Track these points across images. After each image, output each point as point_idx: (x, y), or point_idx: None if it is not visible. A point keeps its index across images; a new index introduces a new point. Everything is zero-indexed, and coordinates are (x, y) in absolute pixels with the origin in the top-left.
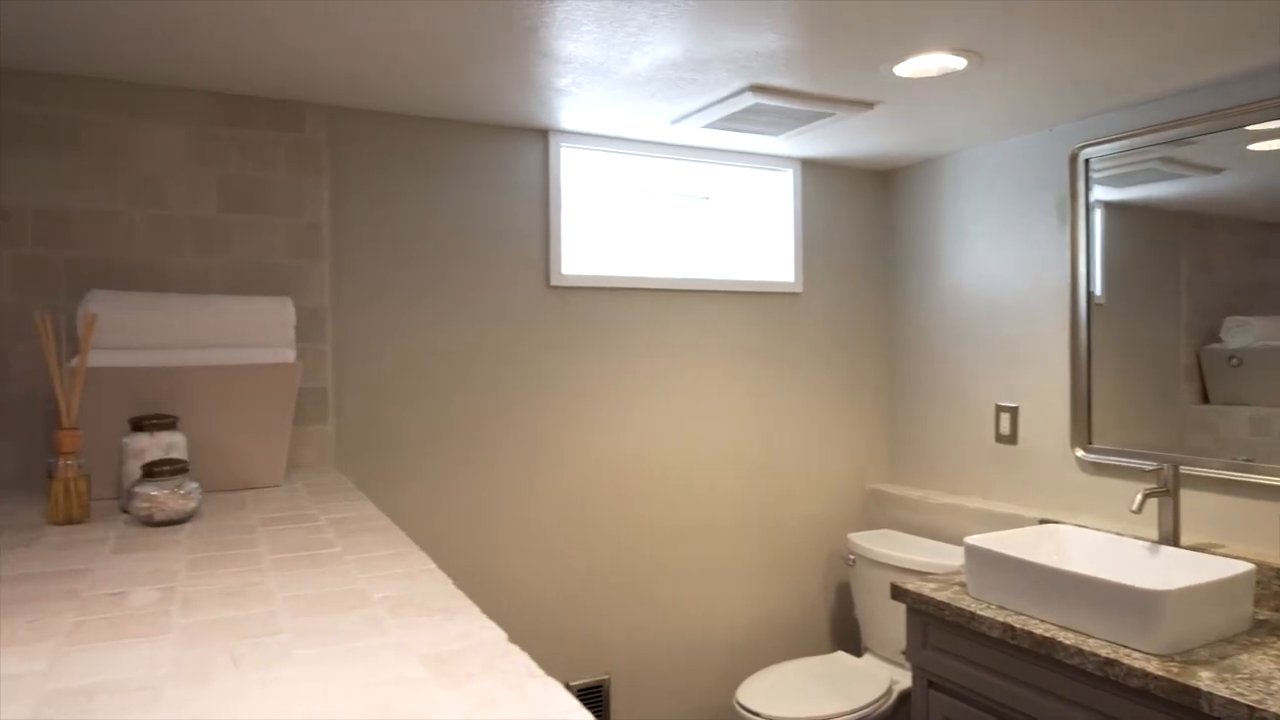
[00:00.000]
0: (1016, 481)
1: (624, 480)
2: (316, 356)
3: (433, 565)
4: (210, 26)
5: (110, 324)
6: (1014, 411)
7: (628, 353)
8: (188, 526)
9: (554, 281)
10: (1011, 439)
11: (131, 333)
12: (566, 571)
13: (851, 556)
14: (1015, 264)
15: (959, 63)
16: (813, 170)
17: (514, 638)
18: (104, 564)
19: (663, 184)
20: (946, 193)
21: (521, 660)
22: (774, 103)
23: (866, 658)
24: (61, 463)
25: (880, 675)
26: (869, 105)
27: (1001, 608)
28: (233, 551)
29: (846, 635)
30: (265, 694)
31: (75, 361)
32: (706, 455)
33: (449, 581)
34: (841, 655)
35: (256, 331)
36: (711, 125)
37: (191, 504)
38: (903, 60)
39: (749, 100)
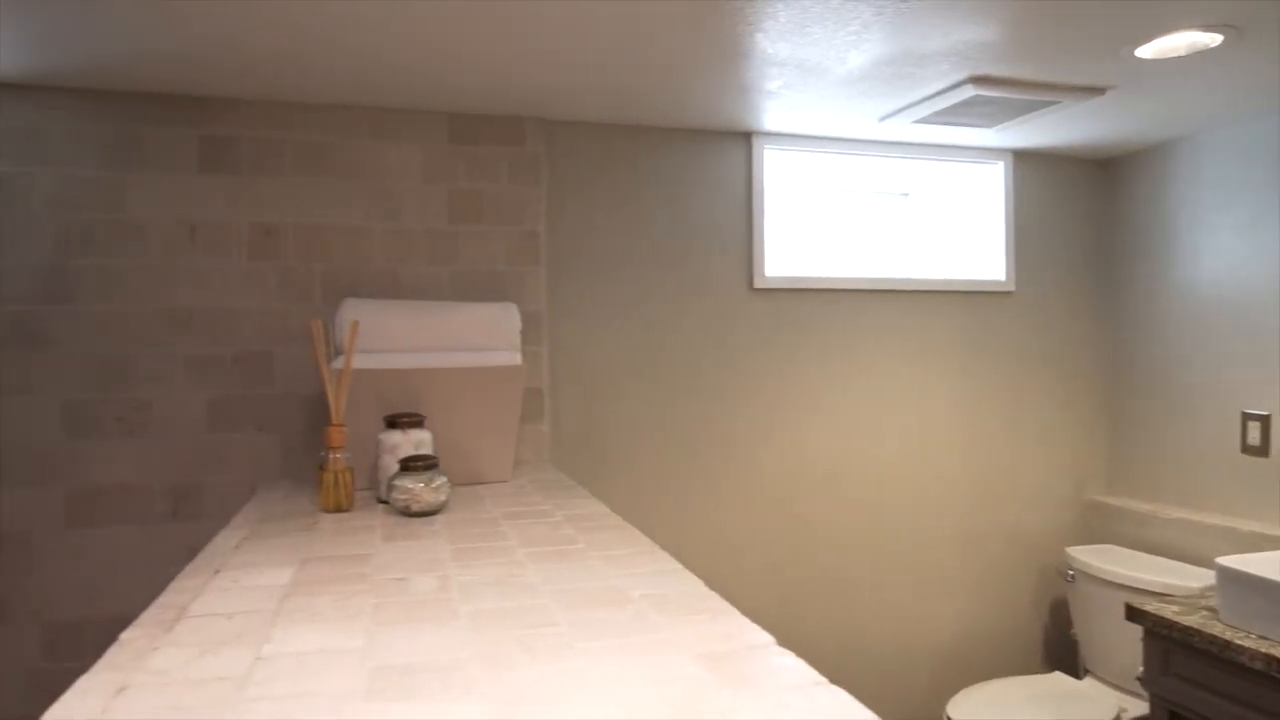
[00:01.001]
0: (1268, 498)
1: (827, 485)
2: (534, 359)
3: (678, 565)
4: (446, 55)
5: (365, 329)
6: (1264, 420)
7: (830, 354)
8: (440, 518)
9: (757, 284)
10: (1261, 450)
11: (382, 337)
12: (769, 574)
13: (1071, 572)
14: (1269, 256)
15: (1213, 39)
16: (1025, 161)
17: None
18: (379, 550)
19: (860, 181)
20: (1181, 180)
21: (799, 665)
22: (995, 94)
23: (1088, 680)
24: (331, 456)
25: (1105, 700)
26: (1100, 91)
27: (1263, 638)
28: (487, 544)
29: (1062, 655)
30: (565, 684)
31: (338, 363)
32: (912, 460)
33: (700, 582)
34: (1060, 676)
35: (486, 335)
36: (922, 120)
37: (442, 497)
38: (1148, 41)
39: (968, 93)
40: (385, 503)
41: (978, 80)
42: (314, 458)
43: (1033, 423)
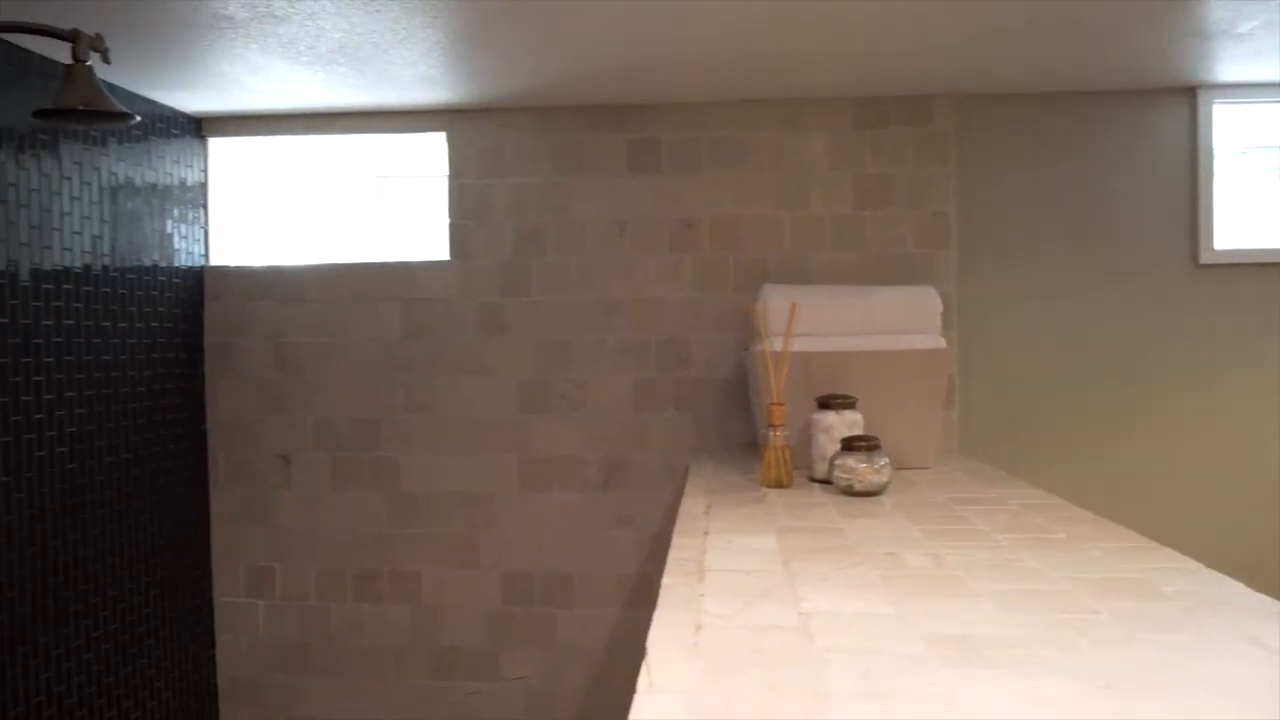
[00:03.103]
0: None
1: None
2: None
3: (1197, 564)
4: (856, 41)
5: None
6: None
7: None
8: (886, 499)
9: (1204, 259)
10: None
11: (807, 320)
12: None
13: None
14: None
15: None
16: None
17: None
18: (845, 525)
19: None
20: None
21: None
22: None
23: None
24: (772, 433)
25: None
26: None
27: None
28: (954, 527)
29: None
30: (1163, 675)
31: (771, 344)
32: None
33: (1239, 583)
34: None
35: (908, 319)
36: None
37: (884, 478)
38: None
39: None
40: (820, 481)
41: None
42: (724, 437)
43: None
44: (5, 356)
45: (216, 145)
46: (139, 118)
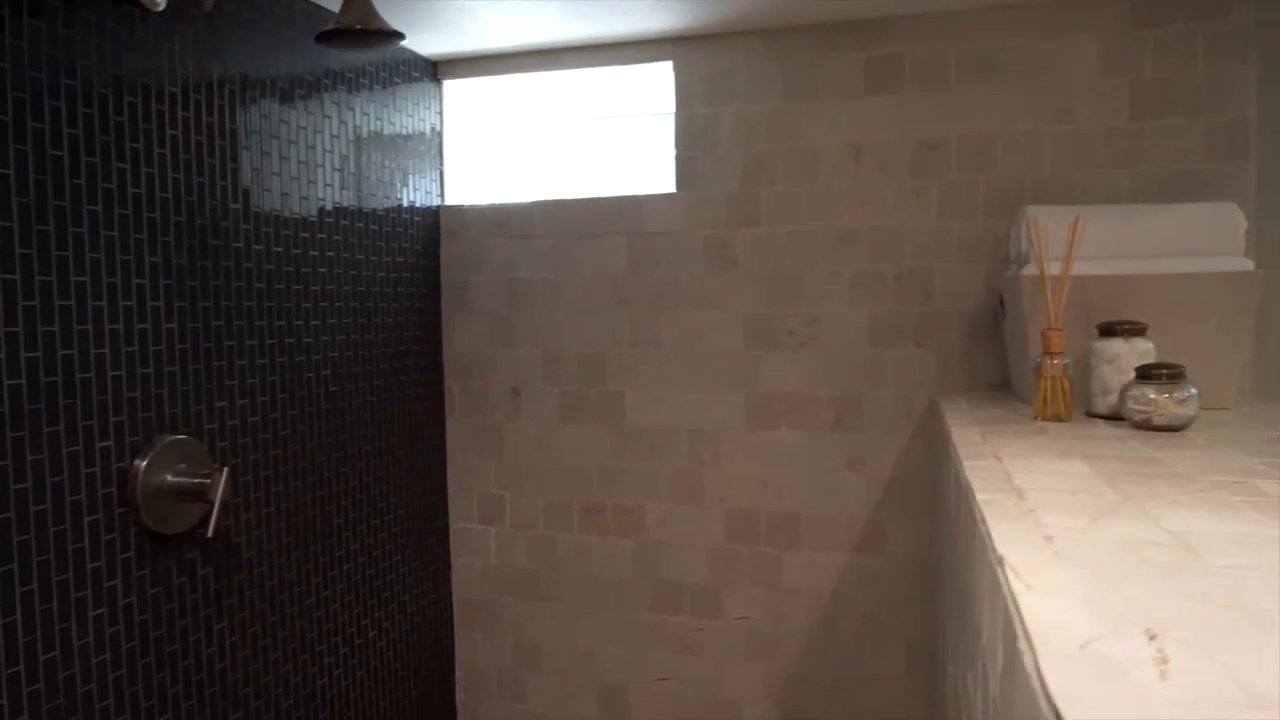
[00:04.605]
0: None
1: None
2: None
3: None
4: None
5: (1059, 234)
6: None
7: None
8: (1194, 434)
9: None
10: None
11: (1083, 240)
12: None
13: None
14: None
15: None
16: None
17: None
18: (1161, 456)
19: None
20: None
21: None
22: None
23: None
24: (1049, 361)
25: None
26: None
27: None
28: None
29: None
30: None
31: (1027, 269)
32: None
33: None
34: None
35: (1207, 239)
36: None
37: (1190, 411)
38: None
39: None
40: (1102, 417)
41: None
42: (970, 376)
43: None
44: (281, 283)
45: (450, 87)
46: (406, 36)
